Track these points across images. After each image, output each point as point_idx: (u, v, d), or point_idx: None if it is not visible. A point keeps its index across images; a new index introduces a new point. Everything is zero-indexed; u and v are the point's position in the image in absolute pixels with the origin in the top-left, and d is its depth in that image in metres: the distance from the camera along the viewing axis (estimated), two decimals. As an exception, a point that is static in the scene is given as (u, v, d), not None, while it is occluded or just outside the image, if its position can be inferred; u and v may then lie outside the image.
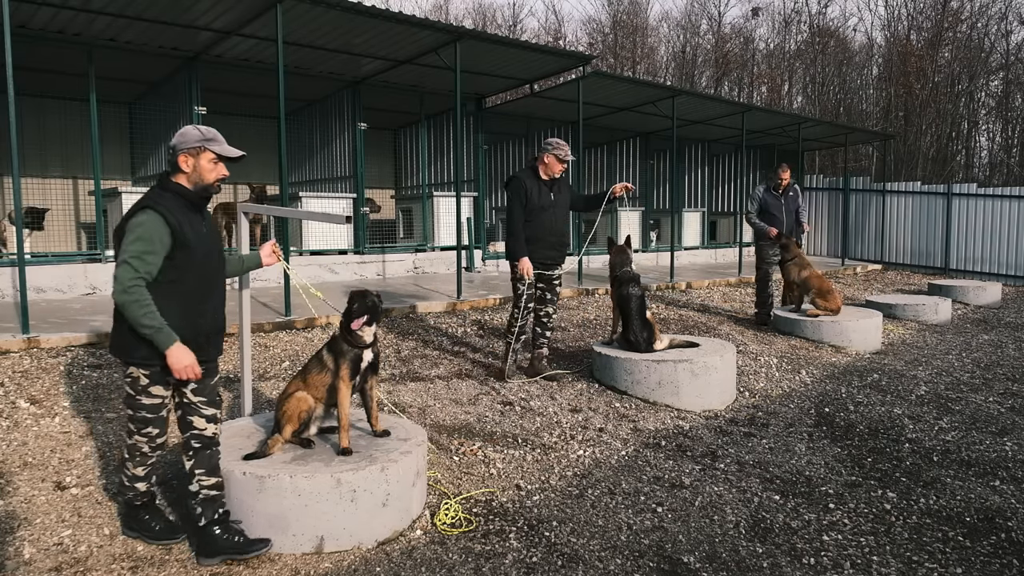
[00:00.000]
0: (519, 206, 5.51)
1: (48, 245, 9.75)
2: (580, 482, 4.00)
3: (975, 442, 4.81)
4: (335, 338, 3.58)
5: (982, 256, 15.20)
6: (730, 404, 5.55)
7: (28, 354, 5.49)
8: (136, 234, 2.84)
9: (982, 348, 7.93)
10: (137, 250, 2.82)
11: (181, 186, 3.00)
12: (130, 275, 2.79)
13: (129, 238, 2.84)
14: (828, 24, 30.83)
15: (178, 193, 2.98)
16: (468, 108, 12.24)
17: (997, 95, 26.60)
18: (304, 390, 3.56)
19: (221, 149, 3.02)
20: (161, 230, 2.86)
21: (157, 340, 2.85)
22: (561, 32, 35.36)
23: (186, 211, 2.98)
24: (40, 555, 3.07)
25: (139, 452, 3.14)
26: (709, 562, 3.19)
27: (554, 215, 5.65)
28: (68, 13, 7.58)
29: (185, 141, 2.98)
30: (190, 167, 2.99)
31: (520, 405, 5.19)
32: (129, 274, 2.79)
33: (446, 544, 3.30)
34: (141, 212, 2.87)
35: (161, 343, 2.86)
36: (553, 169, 5.55)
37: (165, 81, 10.04)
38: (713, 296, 10.44)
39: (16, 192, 5.76)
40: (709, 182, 17.63)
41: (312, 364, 3.62)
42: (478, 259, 11.68)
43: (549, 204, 5.60)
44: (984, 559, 3.28)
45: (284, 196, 7.54)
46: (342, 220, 3.85)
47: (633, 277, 5.79)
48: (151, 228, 2.85)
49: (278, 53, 7.16)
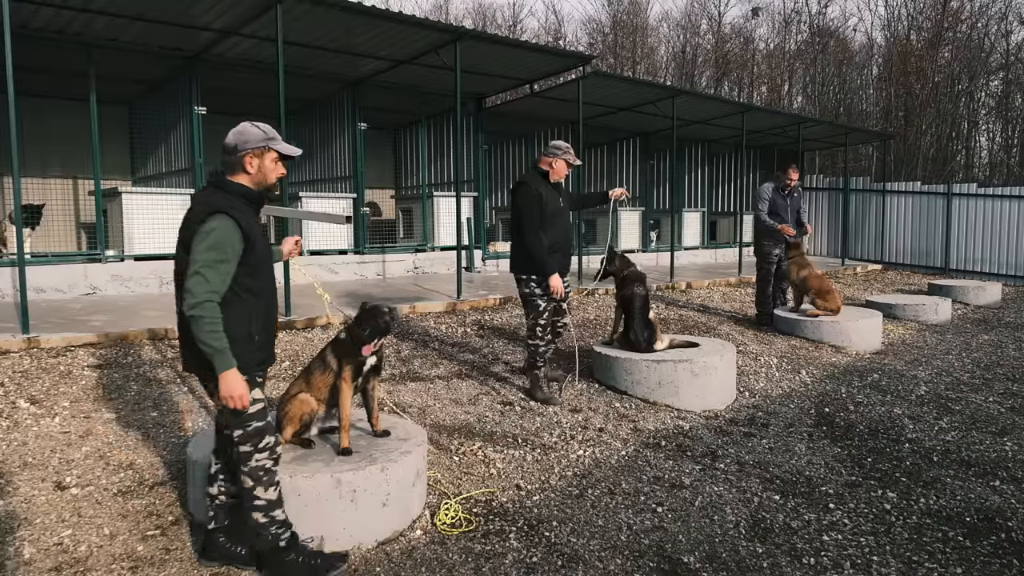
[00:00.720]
0: (537, 214, 5.08)
1: (48, 245, 9.75)
2: (580, 482, 4.00)
3: (975, 442, 4.81)
4: (339, 339, 3.57)
5: (982, 256, 15.20)
6: (730, 404, 5.55)
7: (28, 354, 5.49)
8: (209, 241, 2.68)
9: (982, 348, 7.93)
10: (210, 259, 2.67)
11: (245, 187, 2.88)
12: (203, 289, 2.65)
13: (201, 245, 2.68)
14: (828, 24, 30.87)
15: (242, 195, 2.85)
16: (468, 108, 12.24)
17: (997, 95, 26.60)
18: (306, 391, 3.56)
19: (283, 148, 2.92)
20: (234, 236, 2.73)
21: (217, 360, 2.69)
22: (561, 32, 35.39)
23: (250, 213, 2.88)
24: (40, 555, 3.07)
25: (264, 472, 2.87)
26: (709, 562, 3.19)
27: (565, 221, 5.39)
28: (68, 13, 7.58)
29: (249, 141, 2.84)
30: (255, 168, 2.87)
31: (520, 405, 5.19)
32: (202, 287, 2.65)
33: (446, 544, 3.30)
34: (213, 217, 2.70)
35: (220, 365, 2.70)
36: (561, 174, 5.31)
37: (165, 81, 10.04)
38: (713, 296, 10.44)
39: (16, 192, 5.76)
40: (709, 182, 17.63)
41: (315, 365, 3.62)
42: (478, 259, 11.68)
43: (560, 210, 5.30)
44: (984, 559, 3.28)
45: (284, 196, 7.54)
46: (342, 220, 3.85)
47: (639, 276, 5.80)
48: (224, 235, 2.70)
49: (278, 53, 7.16)
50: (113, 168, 11.19)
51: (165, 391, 5.03)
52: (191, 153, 9.20)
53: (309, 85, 10.85)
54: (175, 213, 8.88)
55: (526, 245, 5.09)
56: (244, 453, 2.85)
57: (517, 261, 5.26)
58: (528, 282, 5.20)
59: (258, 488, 2.85)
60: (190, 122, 9.14)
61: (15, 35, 5.85)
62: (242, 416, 2.81)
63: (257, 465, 2.85)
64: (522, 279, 5.24)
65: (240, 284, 2.78)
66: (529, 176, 5.26)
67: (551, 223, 5.17)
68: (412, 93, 11.64)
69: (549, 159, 5.23)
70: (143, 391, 4.99)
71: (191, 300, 2.64)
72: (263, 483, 2.86)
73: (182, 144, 9.64)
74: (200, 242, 2.68)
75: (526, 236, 5.07)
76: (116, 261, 8.49)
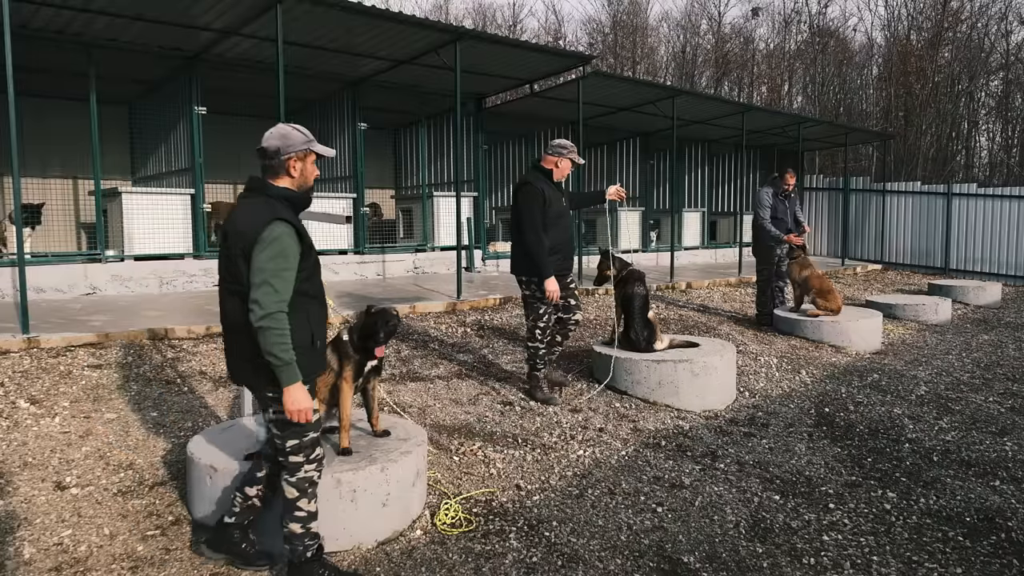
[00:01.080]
0: (539, 215, 4.95)
1: (48, 245, 9.75)
2: (580, 482, 4.00)
3: (975, 442, 4.81)
4: (340, 340, 3.57)
5: (982, 256, 15.20)
6: (730, 404, 5.55)
7: (28, 354, 5.49)
8: (275, 249, 2.63)
9: (982, 348, 7.93)
10: (277, 268, 2.64)
11: (291, 191, 2.84)
12: (273, 299, 2.62)
13: (266, 254, 2.63)
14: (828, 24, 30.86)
15: (287, 199, 2.81)
16: (468, 108, 12.24)
17: (997, 95, 26.60)
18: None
19: (321, 149, 2.89)
20: (294, 243, 2.70)
21: (283, 373, 2.66)
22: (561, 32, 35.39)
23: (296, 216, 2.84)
24: (40, 555, 3.07)
25: (310, 484, 2.85)
26: (709, 562, 3.19)
27: (567, 222, 5.29)
28: (68, 13, 7.58)
29: (292, 144, 2.80)
30: (298, 171, 2.83)
31: (520, 405, 5.19)
32: (272, 298, 2.61)
33: (446, 544, 3.30)
34: (274, 224, 2.66)
35: (288, 378, 2.66)
36: (564, 173, 5.21)
37: (165, 81, 10.04)
38: (713, 296, 10.44)
39: (16, 192, 5.76)
40: (709, 182, 17.63)
41: None
42: (478, 259, 11.68)
43: (563, 211, 5.20)
44: (984, 559, 3.28)
45: (284, 196, 7.53)
46: (342, 220, 3.85)
47: (638, 276, 5.79)
48: (287, 242, 2.67)
49: (278, 53, 7.16)
50: (113, 168, 11.19)
51: (165, 391, 5.03)
52: (191, 153, 9.20)
53: (309, 85, 10.85)
54: (175, 213, 8.90)
55: (526, 245, 4.98)
56: (294, 464, 2.82)
57: (518, 262, 5.17)
58: (529, 284, 5.12)
59: (302, 500, 2.84)
60: (190, 122, 9.14)
61: (15, 35, 5.84)
62: (301, 427, 2.79)
63: (305, 476, 2.84)
64: (523, 280, 5.16)
65: (299, 290, 2.75)
66: (532, 175, 5.14)
67: (554, 224, 5.05)
68: (412, 93, 11.64)
69: (554, 158, 5.13)
70: (143, 391, 4.99)
71: (260, 311, 2.60)
72: (308, 495, 2.85)
73: (182, 144, 9.64)
74: (263, 251, 2.63)
75: (527, 236, 4.96)
76: (116, 261, 8.49)
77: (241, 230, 2.71)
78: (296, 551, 2.86)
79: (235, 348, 2.83)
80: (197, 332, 6.34)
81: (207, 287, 8.99)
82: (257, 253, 2.63)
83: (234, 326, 2.77)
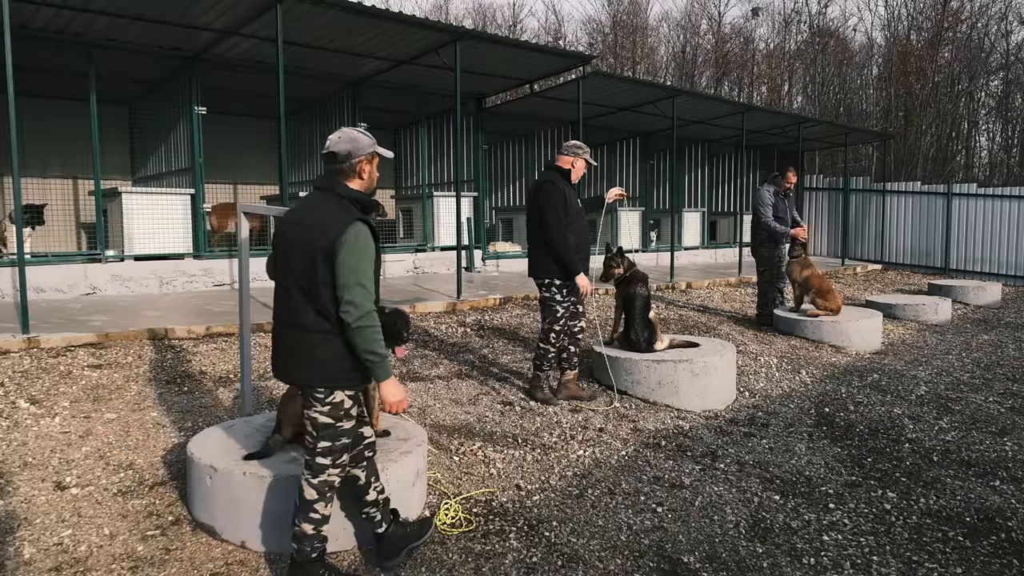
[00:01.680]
0: (562, 213, 4.90)
1: (48, 245, 9.75)
2: (580, 482, 4.00)
3: (975, 442, 4.81)
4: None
5: (982, 256, 15.20)
6: (730, 404, 5.55)
7: (28, 354, 5.49)
8: (360, 251, 2.67)
9: (982, 348, 7.93)
10: (365, 268, 2.68)
11: (361, 193, 2.86)
12: (368, 299, 2.66)
13: (354, 256, 2.66)
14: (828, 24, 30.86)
15: (358, 200, 2.83)
16: (468, 108, 12.24)
17: (997, 95, 26.60)
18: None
19: (384, 152, 2.93)
20: (372, 243, 2.75)
21: (379, 368, 2.73)
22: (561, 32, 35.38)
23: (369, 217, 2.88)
24: (40, 555, 3.07)
25: (329, 488, 2.87)
26: (709, 562, 3.19)
27: (585, 221, 5.20)
28: (68, 13, 7.58)
29: (361, 147, 2.82)
30: (367, 173, 2.87)
31: (520, 405, 5.19)
32: (366, 298, 2.66)
33: (446, 544, 3.30)
34: (355, 226, 2.69)
35: (382, 373, 2.74)
36: (579, 173, 5.13)
37: (165, 81, 10.04)
38: (713, 296, 10.44)
39: (16, 192, 5.76)
40: (709, 182, 17.63)
41: None
42: (478, 259, 11.68)
43: (580, 210, 5.12)
44: (984, 559, 3.28)
45: (284, 196, 7.54)
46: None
47: (641, 277, 5.80)
48: (368, 242, 2.72)
49: (278, 53, 7.15)
50: (113, 168, 11.18)
51: (165, 391, 5.03)
52: (191, 153, 9.20)
53: (309, 85, 10.85)
54: (175, 213, 8.90)
55: (553, 245, 4.89)
56: (320, 465, 2.83)
57: (538, 264, 5.05)
58: (550, 286, 5.03)
59: (319, 503, 2.85)
60: (190, 122, 9.14)
61: (15, 35, 5.85)
62: (336, 431, 2.81)
63: (327, 480, 2.86)
64: (544, 283, 5.05)
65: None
66: (551, 175, 5.07)
67: (574, 223, 4.99)
68: (412, 93, 11.64)
69: (570, 158, 5.07)
70: (143, 391, 4.99)
71: (358, 312, 2.64)
72: (326, 498, 2.87)
73: (182, 144, 9.64)
74: (350, 253, 2.65)
75: (553, 236, 4.87)
76: (116, 261, 8.49)
77: (318, 230, 2.70)
78: (303, 551, 2.86)
79: (292, 344, 2.80)
80: (197, 332, 6.34)
81: (207, 287, 8.99)
82: (343, 254, 2.65)
83: (296, 322, 2.76)
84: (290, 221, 2.85)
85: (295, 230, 2.78)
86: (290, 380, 2.89)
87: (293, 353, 2.80)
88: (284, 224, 2.86)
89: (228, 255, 9.27)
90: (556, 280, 5.01)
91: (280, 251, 2.84)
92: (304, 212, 2.83)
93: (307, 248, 2.70)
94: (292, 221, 2.84)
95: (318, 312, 2.70)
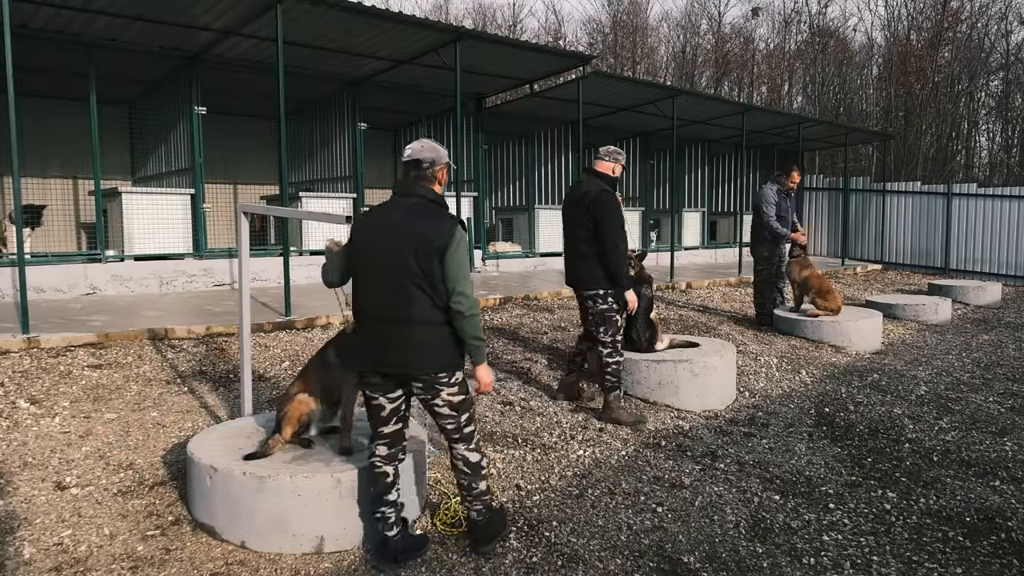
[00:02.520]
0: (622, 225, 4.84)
1: (48, 245, 9.74)
2: (580, 482, 4.00)
3: (975, 442, 4.81)
4: (346, 335, 3.57)
5: (982, 256, 15.20)
6: (730, 404, 5.55)
7: (28, 354, 5.49)
8: (464, 249, 3.00)
9: (982, 348, 7.93)
10: (467, 263, 3.06)
11: (441, 196, 3.16)
12: (472, 291, 3.01)
13: (461, 254, 2.98)
14: (828, 24, 30.85)
15: (442, 204, 3.12)
16: (468, 108, 12.23)
17: (997, 95, 26.59)
18: (306, 392, 3.55)
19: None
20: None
21: (481, 351, 3.10)
22: (561, 32, 35.36)
23: None
24: (40, 555, 3.07)
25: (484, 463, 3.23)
26: (709, 562, 3.19)
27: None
28: (68, 13, 7.57)
29: (442, 156, 3.13)
30: (444, 179, 3.17)
31: (520, 405, 5.19)
32: (472, 290, 3.00)
33: (446, 544, 3.30)
34: (459, 227, 3.00)
35: (482, 356, 3.12)
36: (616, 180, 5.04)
37: (165, 81, 10.04)
38: (713, 296, 10.44)
39: (16, 192, 5.76)
40: (709, 182, 17.62)
41: (314, 365, 3.62)
42: (478, 259, 11.68)
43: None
44: (984, 559, 3.28)
45: (284, 196, 7.54)
46: (342, 220, 3.84)
47: (646, 278, 5.80)
48: (467, 241, 3.09)
49: (278, 53, 7.15)
50: (113, 168, 11.18)
51: (165, 391, 5.03)
52: (191, 153, 9.20)
53: (309, 85, 10.85)
54: (175, 213, 8.90)
55: (616, 256, 4.78)
56: (470, 433, 3.18)
57: (590, 274, 4.89)
58: (605, 297, 4.88)
59: (482, 460, 3.21)
60: (190, 122, 9.14)
61: (15, 35, 5.84)
62: (470, 401, 3.17)
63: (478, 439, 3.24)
64: (599, 295, 4.88)
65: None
66: (601, 183, 4.91)
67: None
68: (412, 93, 11.64)
69: (612, 164, 4.97)
70: (143, 391, 4.99)
71: (468, 302, 2.97)
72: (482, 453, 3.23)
73: (182, 144, 9.64)
74: (457, 250, 2.97)
75: (618, 247, 4.78)
76: (116, 261, 8.49)
77: (433, 233, 2.95)
78: (489, 506, 3.22)
79: (412, 338, 2.97)
80: (197, 332, 6.34)
81: (207, 287, 8.99)
82: (453, 252, 2.95)
83: (416, 317, 2.95)
84: (390, 226, 3.02)
85: (402, 234, 2.97)
86: (409, 371, 3.02)
87: (416, 347, 2.98)
88: (376, 230, 3.04)
89: (228, 255, 9.27)
90: (609, 290, 4.89)
91: (379, 254, 2.99)
92: (408, 216, 3.02)
93: (426, 248, 2.93)
94: (393, 227, 3.01)
95: (434, 306, 2.96)
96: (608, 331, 4.92)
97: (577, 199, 4.97)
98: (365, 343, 3.06)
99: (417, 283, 2.93)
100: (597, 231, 4.81)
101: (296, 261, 9.64)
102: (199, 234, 9.11)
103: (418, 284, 2.93)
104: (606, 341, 4.92)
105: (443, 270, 2.93)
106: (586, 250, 4.89)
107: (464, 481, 3.18)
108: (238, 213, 4.25)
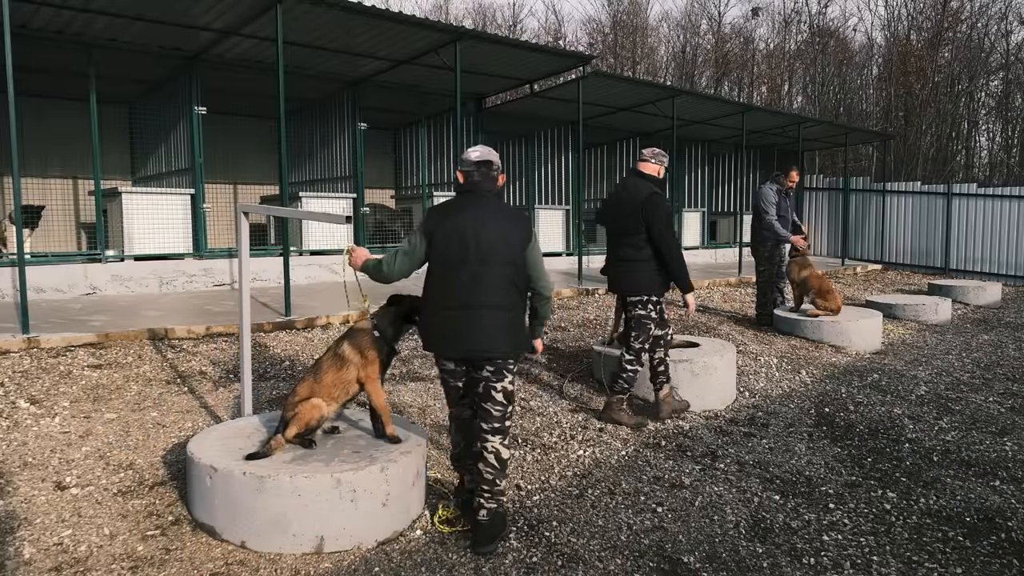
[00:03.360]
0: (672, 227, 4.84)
1: (48, 245, 9.75)
2: (580, 482, 4.00)
3: (975, 442, 4.81)
4: (359, 331, 3.56)
5: (982, 256, 15.20)
6: (730, 404, 5.55)
7: (28, 354, 5.49)
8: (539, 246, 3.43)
9: (982, 348, 7.93)
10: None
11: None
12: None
13: (539, 247, 3.43)
14: (828, 24, 30.86)
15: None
16: (468, 108, 12.24)
17: (997, 95, 26.60)
18: (318, 395, 3.52)
19: None
20: None
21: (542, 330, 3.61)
22: (561, 32, 35.37)
23: None
24: (40, 555, 3.07)
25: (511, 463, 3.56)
26: (709, 562, 3.19)
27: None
28: (68, 13, 7.58)
29: (498, 160, 3.42)
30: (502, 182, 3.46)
31: (520, 405, 5.19)
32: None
33: (446, 544, 3.30)
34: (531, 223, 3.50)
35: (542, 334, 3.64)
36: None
37: (165, 81, 10.04)
38: (713, 296, 10.44)
39: (16, 192, 5.76)
40: (709, 182, 17.62)
41: (327, 362, 3.59)
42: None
43: None
44: (984, 559, 3.28)
45: (284, 196, 7.54)
46: (342, 220, 3.85)
47: None
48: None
49: (278, 53, 7.15)
50: (113, 168, 11.19)
51: (165, 391, 5.03)
52: (191, 153, 9.20)
53: (309, 85, 10.85)
54: (175, 213, 8.91)
55: (679, 259, 4.79)
56: (508, 428, 3.35)
57: (637, 279, 4.85)
58: (647, 303, 4.85)
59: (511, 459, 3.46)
60: (190, 122, 9.15)
61: (15, 35, 5.85)
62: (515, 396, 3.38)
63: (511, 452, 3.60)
64: (642, 300, 4.84)
65: None
66: (652, 185, 4.86)
67: None
68: (412, 93, 11.64)
69: (657, 166, 4.94)
70: (143, 391, 4.99)
71: (551, 286, 3.48)
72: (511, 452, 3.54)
73: (182, 144, 9.64)
74: (537, 243, 3.41)
75: (673, 250, 4.78)
76: (116, 261, 8.49)
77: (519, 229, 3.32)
78: (503, 504, 3.33)
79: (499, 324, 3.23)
80: (197, 332, 6.34)
81: (207, 287, 8.99)
82: (535, 244, 3.38)
83: (506, 304, 3.25)
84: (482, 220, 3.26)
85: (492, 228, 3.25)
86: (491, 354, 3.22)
87: (502, 332, 3.23)
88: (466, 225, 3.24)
89: (228, 255, 9.27)
90: (653, 296, 4.85)
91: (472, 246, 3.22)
92: (496, 213, 3.31)
93: (517, 241, 3.29)
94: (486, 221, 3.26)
95: (520, 293, 3.32)
96: (638, 338, 4.90)
97: (623, 202, 4.91)
98: (447, 330, 3.26)
99: (509, 273, 3.25)
100: (651, 235, 4.77)
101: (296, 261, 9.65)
102: (199, 234, 9.11)
103: (509, 274, 3.26)
104: (634, 347, 4.91)
105: (526, 260, 3.31)
106: (633, 254, 4.84)
107: (489, 476, 3.26)
108: (238, 213, 4.25)
